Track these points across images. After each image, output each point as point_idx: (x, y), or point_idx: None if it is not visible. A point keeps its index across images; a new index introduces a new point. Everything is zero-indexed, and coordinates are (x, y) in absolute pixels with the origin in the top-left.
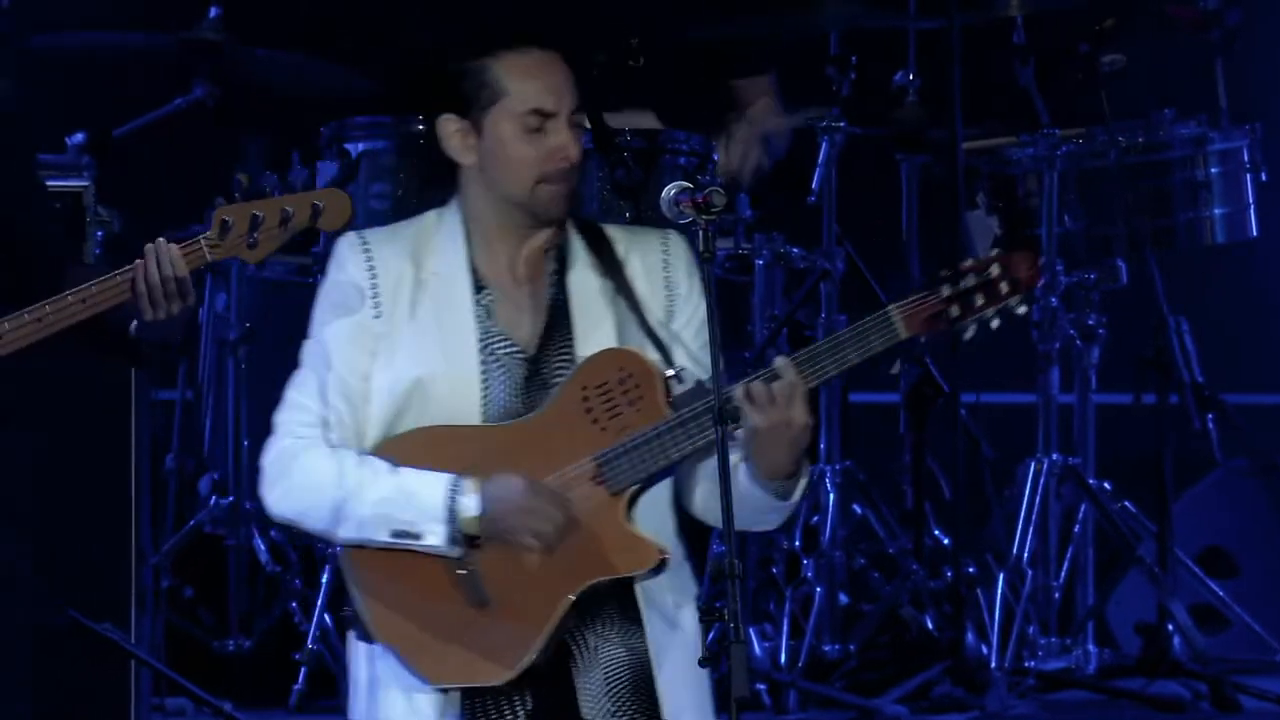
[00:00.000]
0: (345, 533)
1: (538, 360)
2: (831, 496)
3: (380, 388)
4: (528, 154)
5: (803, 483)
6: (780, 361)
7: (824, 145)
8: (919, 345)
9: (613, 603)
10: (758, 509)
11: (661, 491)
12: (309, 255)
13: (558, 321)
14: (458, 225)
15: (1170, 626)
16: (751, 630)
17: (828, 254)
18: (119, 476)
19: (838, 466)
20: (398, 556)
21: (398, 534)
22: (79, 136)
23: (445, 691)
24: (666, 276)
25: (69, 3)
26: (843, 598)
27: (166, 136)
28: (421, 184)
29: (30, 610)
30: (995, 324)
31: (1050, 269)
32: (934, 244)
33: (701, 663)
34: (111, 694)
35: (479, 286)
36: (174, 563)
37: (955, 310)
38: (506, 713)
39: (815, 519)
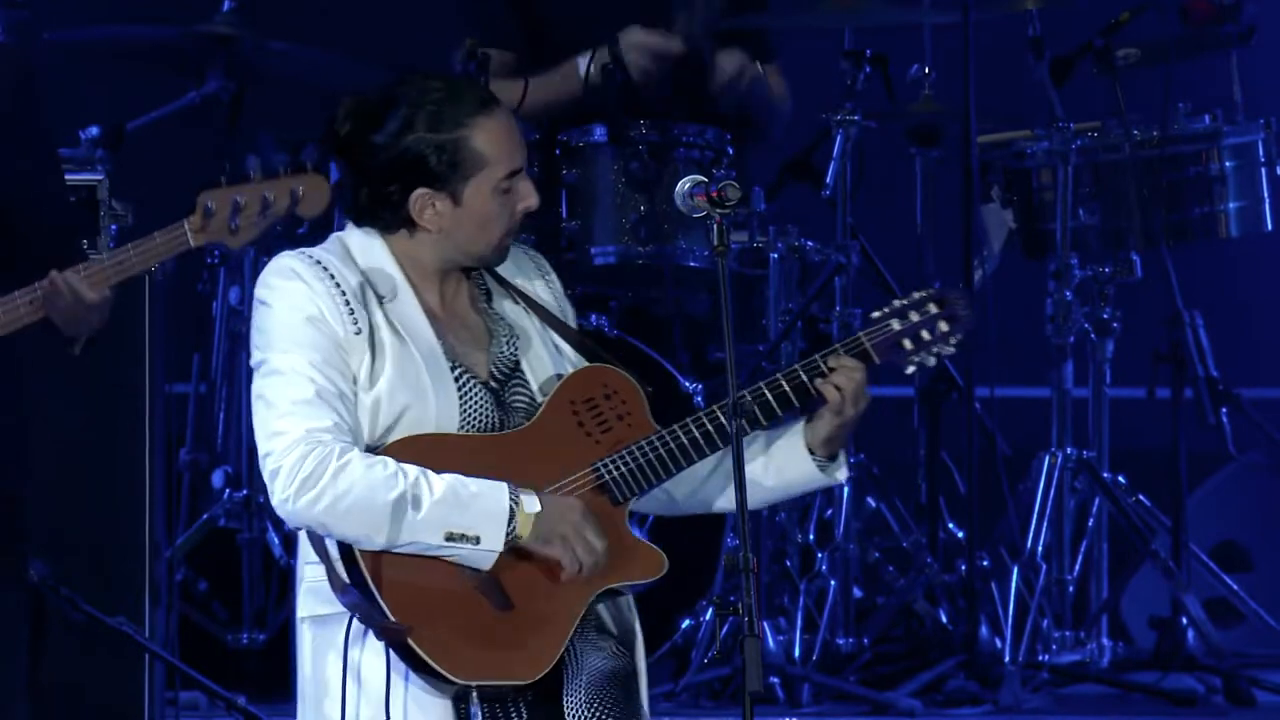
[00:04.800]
0: (393, 537)
1: (497, 390)
2: (846, 490)
3: (366, 405)
4: (501, 214)
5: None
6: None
7: (838, 139)
8: None
9: (598, 612)
10: (800, 491)
11: None
12: None
13: (501, 350)
14: (388, 256)
15: (1184, 620)
16: (765, 624)
17: (842, 247)
18: (133, 470)
19: (852, 460)
20: (417, 562)
21: (452, 537)
22: (93, 130)
23: (457, 701)
24: (551, 289)
25: None
26: (857, 591)
27: (181, 130)
28: None
29: (30, 603)
30: (931, 362)
31: (1065, 262)
32: (948, 237)
33: (715, 659)
34: (125, 688)
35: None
36: (188, 556)
37: (908, 344)
38: None
39: (829, 513)
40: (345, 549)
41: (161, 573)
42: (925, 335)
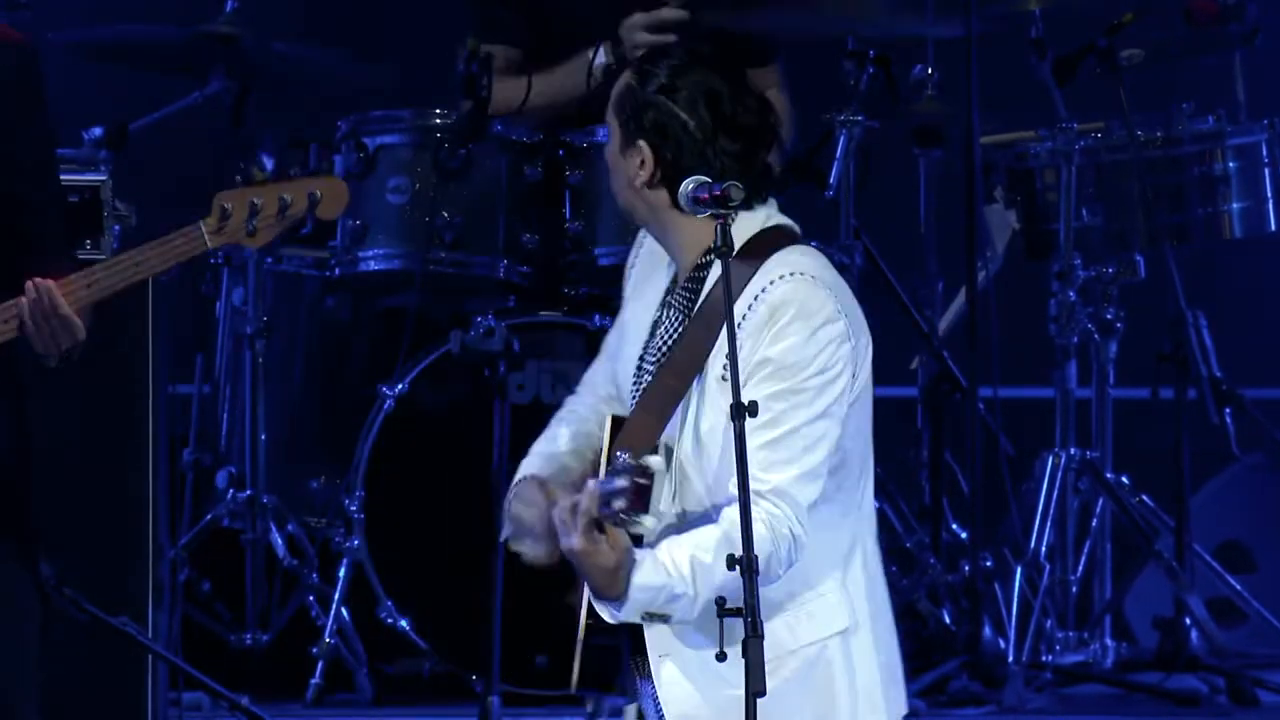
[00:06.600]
0: None
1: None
2: None
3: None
4: None
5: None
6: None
7: (842, 139)
8: (936, 340)
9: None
10: None
11: None
12: (325, 249)
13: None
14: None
15: (1187, 621)
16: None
17: (845, 248)
18: (136, 470)
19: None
20: None
21: None
22: (96, 131)
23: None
24: (740, 323)
25: None
26: None
27: (183, 130)
28: (439, 178)
29: (38, 603)
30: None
31: (1068, 262)
32: (951, 238)
33: (718, 657)
34: (128, 688)
35: (666, 298)
36: (191, 556)
37: (621, 503)
38: None
39: None
40: None
41: (165, 573)
42: (619, 504)
